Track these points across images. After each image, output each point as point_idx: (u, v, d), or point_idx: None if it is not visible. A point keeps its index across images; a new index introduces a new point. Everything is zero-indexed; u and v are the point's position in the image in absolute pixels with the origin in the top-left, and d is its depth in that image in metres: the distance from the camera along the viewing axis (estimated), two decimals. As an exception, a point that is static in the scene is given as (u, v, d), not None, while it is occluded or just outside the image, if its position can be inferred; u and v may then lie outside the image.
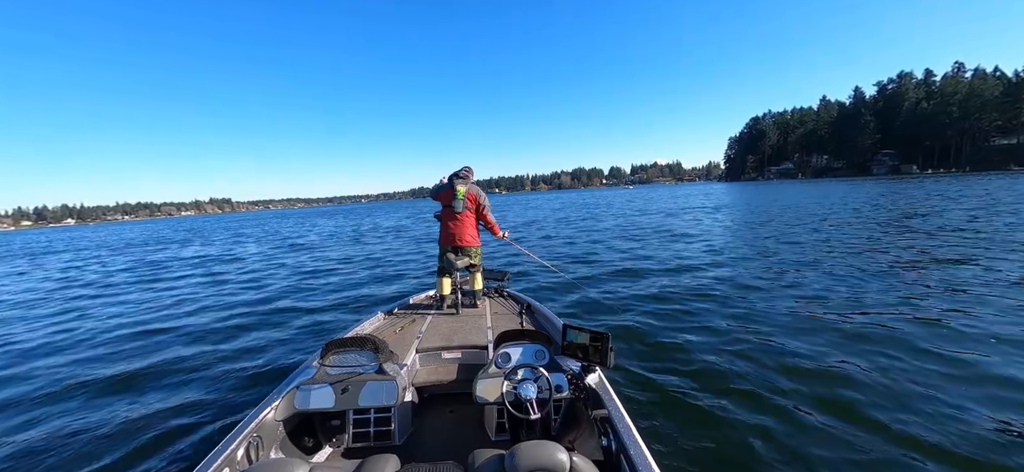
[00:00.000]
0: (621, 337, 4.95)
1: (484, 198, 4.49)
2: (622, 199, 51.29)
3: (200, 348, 5.62)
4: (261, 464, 1.65)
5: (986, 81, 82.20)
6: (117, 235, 46.10)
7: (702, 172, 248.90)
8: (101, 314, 8.18)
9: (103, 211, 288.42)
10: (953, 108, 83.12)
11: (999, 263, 7.60)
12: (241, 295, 9.12)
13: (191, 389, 4.33)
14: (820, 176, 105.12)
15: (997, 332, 4.55)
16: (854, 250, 9.68)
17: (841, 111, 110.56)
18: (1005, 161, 76.33)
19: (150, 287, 11.00)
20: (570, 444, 1.91)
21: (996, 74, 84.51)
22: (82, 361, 5.44)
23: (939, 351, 4.18)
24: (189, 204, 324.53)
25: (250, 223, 54.34)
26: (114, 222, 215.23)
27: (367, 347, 2.73)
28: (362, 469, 1.71)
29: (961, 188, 29.89)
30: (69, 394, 4.39)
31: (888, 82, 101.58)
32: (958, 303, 5.60)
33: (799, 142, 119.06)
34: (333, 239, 21.67)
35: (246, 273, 12.27)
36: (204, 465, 1.92)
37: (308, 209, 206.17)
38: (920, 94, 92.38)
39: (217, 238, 28.28)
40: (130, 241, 32.16)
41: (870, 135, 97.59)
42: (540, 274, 8.94)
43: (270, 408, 2.41)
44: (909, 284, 6.64)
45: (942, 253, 8.74)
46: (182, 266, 15.02)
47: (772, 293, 6.53)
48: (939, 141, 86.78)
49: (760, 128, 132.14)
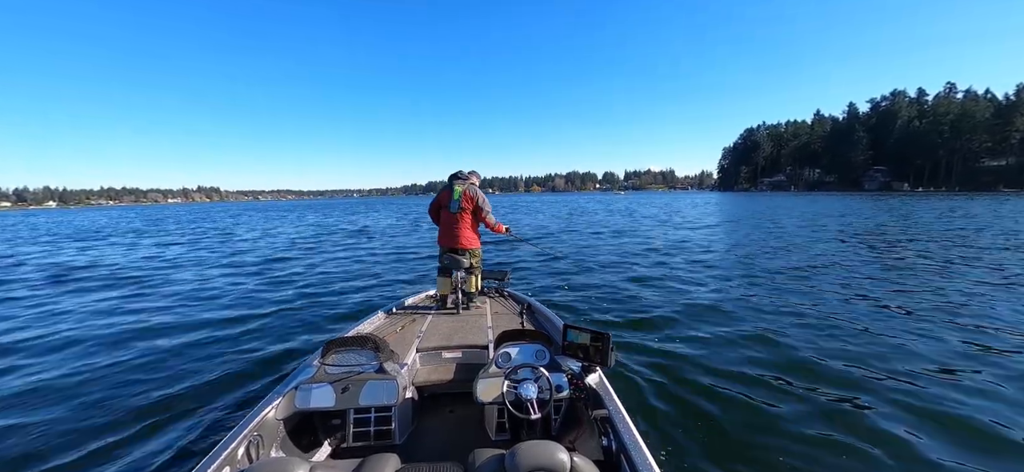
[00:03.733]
0: (621, 337, 4.95)
1: (482, 199, 4.41)
2: (603, 207, 50.38)
3: (200, 347, 5.46)
4: (261, 463, 1.65)
5: (977, 103, 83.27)
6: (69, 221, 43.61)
7: (695, 181, 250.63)
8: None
9: (87, 195, 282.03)
10: (945, 128, 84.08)
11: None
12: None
13: (190, 389, 4.25)
14: (812, 189, 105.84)
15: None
16: (864, 261, 9.58)
17: (835, 126, 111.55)
18: (995, 182, 77.32)
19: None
20: (570, 444, 1.95)
21: (987, 96, 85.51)
22: (76, 356, 5.28)
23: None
24: (176, 191, 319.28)
25: (218, 214, 51.89)
26: (97, 207, 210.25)
27: (367, 346, 2.71)
28: (362, 468, 1.71)
29: (976, 208, 29.80)
30: (65, 395, 4.28)
31: (882, 99, 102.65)
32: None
33: (792, 155, 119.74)
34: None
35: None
36: (204, 464, 1.91)
37: (297, 202, 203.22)
38: (912, 112, 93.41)
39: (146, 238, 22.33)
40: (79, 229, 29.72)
41: (863, 151, 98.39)
42: (540, 274, 8.91)
43: (270, 407, 2.40)
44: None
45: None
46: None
47: (772, 293, 6.51)
48: (930, 160, 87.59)
49: (754, 139, 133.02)
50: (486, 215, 4.44)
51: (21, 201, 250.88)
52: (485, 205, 4.42)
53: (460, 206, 4.34)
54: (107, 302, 7.75)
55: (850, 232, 15.65)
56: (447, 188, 4.46)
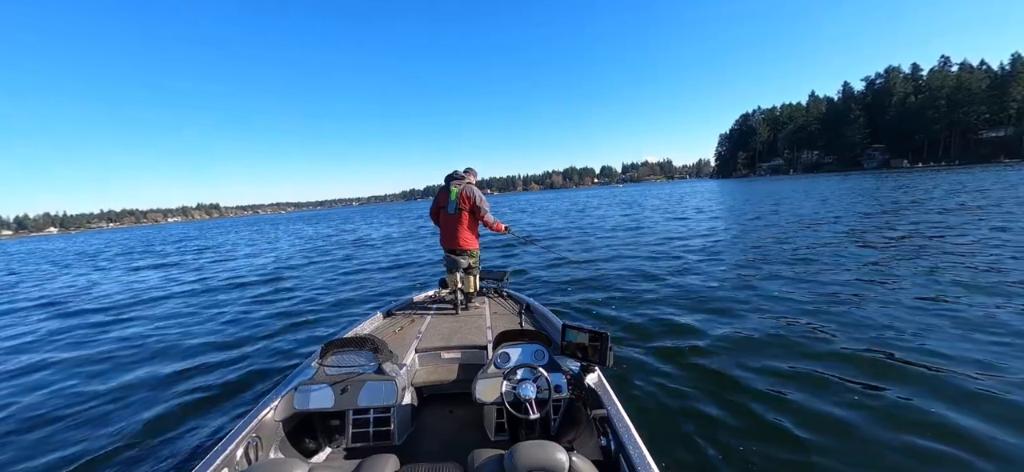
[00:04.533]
0: (621, 337, 4.95)
1: (479, 198, 4.37)
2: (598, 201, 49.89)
3: (200, 349, 5.52)
4: (260, 464, 1.65)
5: (973, 74, 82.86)
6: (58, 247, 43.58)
7: (693, 169, 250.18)
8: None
9: (87, 219, 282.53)
10: (941, 101, 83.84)
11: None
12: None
13: (190, 390, 4.29)
14: (811, 171, 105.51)
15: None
16: (859, 255, 9.31)
17: (830, 107, 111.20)
18: (995, 153, 77.10)
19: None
20: (569, 444, 1.92)
21: (982, 67, 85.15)
22: (81, 366, 5.35)
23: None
24: (176, 210, 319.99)
25: (212, 232, 50.52)
26: (99, 230, 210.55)
27: (366, 347, 2.71)
28: (361, 469, 1.70)
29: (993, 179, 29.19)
30: (64, 399, 4.34)
31: (876, 77, 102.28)
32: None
33: (789, 138, 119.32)
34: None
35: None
36: (203, 465, 1.92)
37: (295, 214, 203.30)
38: (908, 88, 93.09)
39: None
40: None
41: (859, 130, 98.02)
42: (540, 274, 8.84)
43: (269, 408, 2.40)
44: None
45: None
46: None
47: (772, 294, 6.34)
48: (928, 135, 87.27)
49: (750, 125, 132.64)
50: (484, 214, 4.41)
51: (22, 228, 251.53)
52: (483, 204, 4.39)
53: (457, 207, 4.34)
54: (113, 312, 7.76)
55: (872, 219, 15.15)
56: (444, 189, 4.46)
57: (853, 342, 4.44)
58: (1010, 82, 78.24)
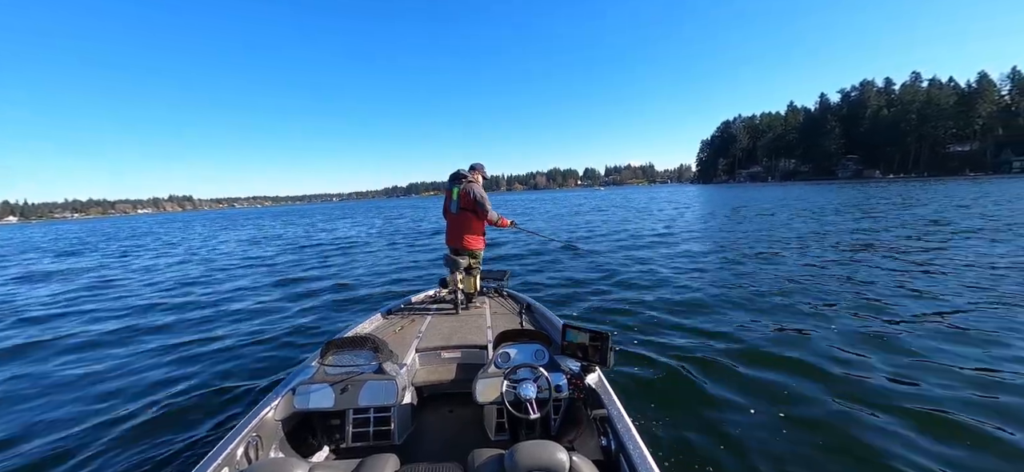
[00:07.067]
0: (621, 337, 4.92)
1: (480, 197, 4.33)
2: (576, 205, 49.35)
3: (200, 347, 5.42)
4: (260, 464, 1.65)
5: (942, 90, 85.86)
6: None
7: (674, 174, 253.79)
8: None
9: (50, 208, 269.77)
10: (912, 115, 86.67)
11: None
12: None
13: (190, 389, 4.20)
14: (788, 179, 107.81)
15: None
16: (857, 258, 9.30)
17: (807, 117, 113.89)
18: (961, 167, 79.99)
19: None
20: (570, 444, 1.95)
21: (950, 84, 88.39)
22: (76, 359, 5.27)
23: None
24: (146, 201, 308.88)
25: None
26: (61, 220, 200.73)
27: (366, 347, 2.70)
28: (361, 469, 1.70)
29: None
30: (62, 395, 4.27)
31: (851, 89, 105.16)
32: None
33: (768, 146, 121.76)
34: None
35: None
36: (203, 465, 1.91)
37: (273, 208, 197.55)
38: (881, 101, 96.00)
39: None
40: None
41: (835, 140, 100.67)
42: (540, 273, 8.87)
43: (269, 408, 2.39)
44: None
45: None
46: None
47: (772, 295, 6.36)
48: (900, 147, 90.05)
49: (731, 132, 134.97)
50: (486, 213, 4.40)
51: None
52: (484, 203, 4.35)
53: (459, 207, 4.38)
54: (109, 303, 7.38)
55: (857, 226, 15.23)
56: (447, 189, 4.52)
57: (853, 342, 4.47)
58: (976, 99, 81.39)
